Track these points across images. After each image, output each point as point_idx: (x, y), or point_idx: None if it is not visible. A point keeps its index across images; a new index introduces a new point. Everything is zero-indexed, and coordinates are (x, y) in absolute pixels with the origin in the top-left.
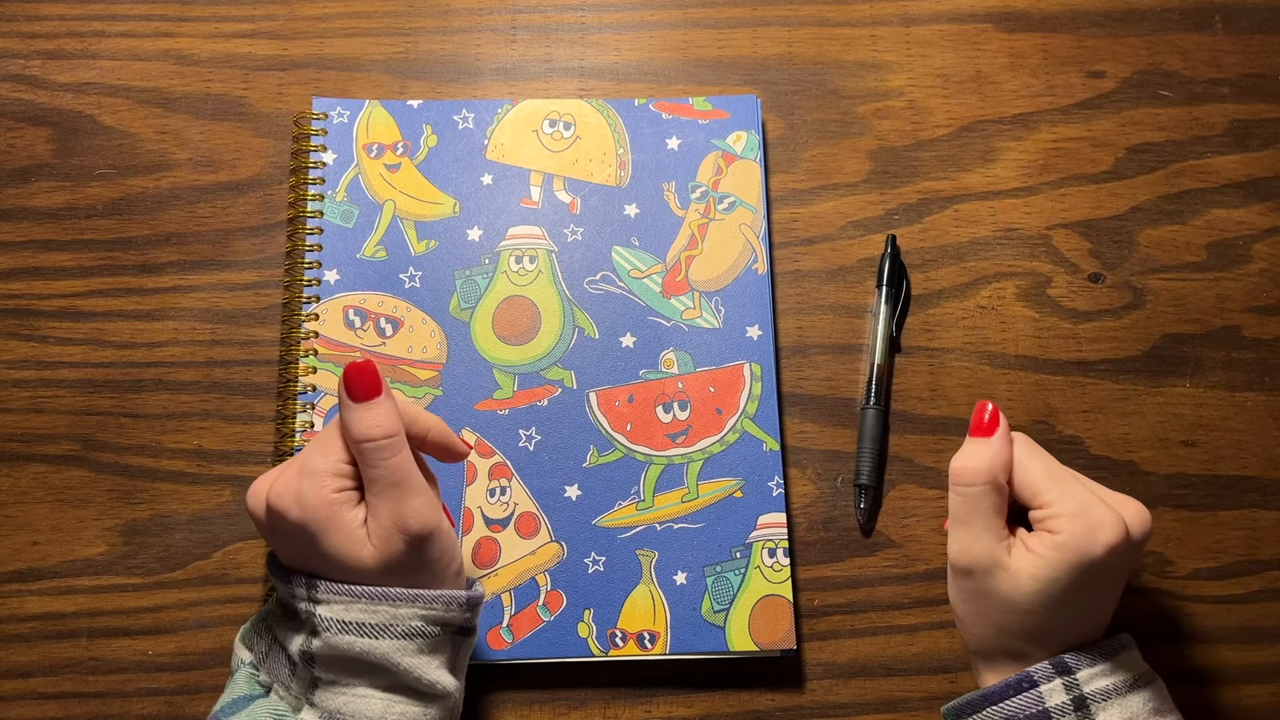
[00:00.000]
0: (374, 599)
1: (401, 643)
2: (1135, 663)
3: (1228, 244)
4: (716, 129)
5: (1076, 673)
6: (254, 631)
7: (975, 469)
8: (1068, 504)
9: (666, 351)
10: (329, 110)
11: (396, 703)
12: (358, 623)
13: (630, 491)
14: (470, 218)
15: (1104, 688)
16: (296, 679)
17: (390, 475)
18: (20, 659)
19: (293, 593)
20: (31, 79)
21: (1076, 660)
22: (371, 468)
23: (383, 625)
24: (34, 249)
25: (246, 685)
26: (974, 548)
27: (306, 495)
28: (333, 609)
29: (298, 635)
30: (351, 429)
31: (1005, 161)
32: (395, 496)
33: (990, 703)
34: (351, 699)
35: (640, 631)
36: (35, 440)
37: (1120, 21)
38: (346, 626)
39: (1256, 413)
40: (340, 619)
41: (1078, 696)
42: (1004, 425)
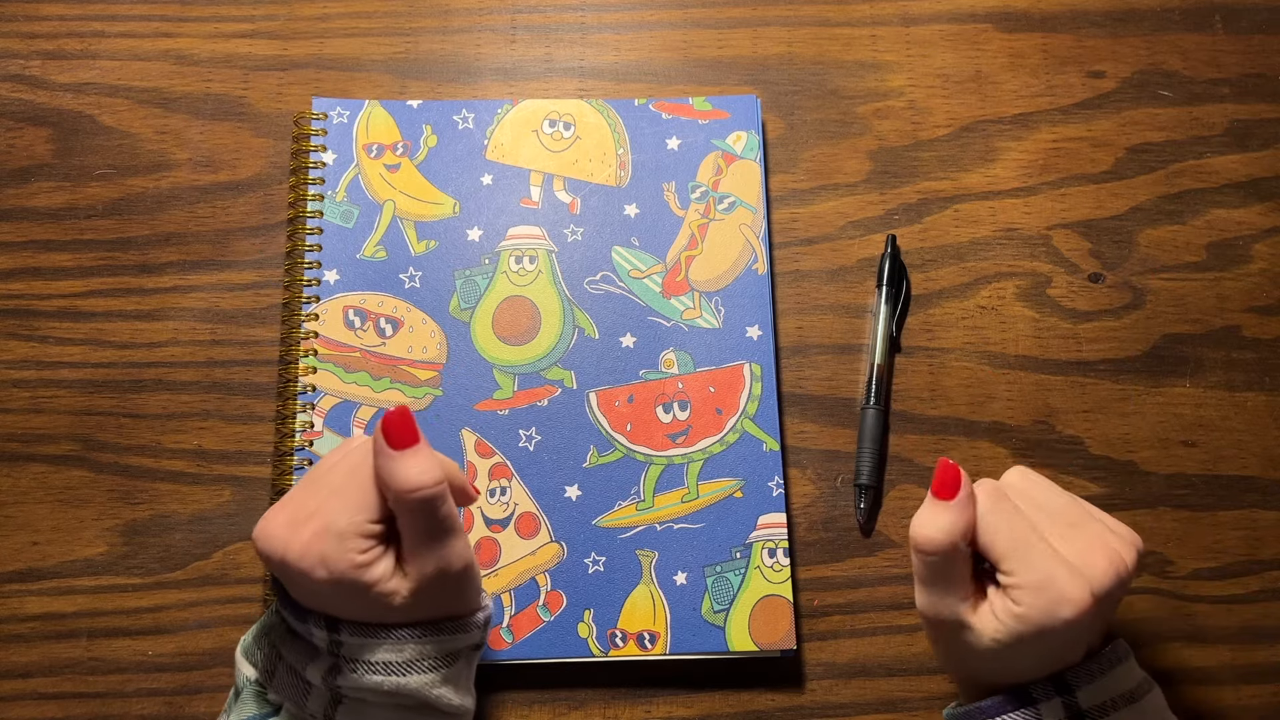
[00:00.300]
0: (400, 640)
1: (429, 676)
2: (1132, 673)
3: (1228, 244)
4: (716, 129)
5: (1076, 691)
6: (256, 646)
7: (933, 539)
8: (1029, 574)
9: (666, 351)
10: (329, 110)
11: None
12: (384, 662)
13: (630, 492)
14: (470, 218)
15: (1101, 704)
16: (313, 699)
17: (438, 525)
18: (20, 659)
19: (309, 630)
20: (31, 79)
21: (1075, 677)
22: (420, 519)
23: (409, 662)
24: (34, 249)
25: (255, 705)
26: (939, 608)
27: (333, 561)
28: (357, 650)
29: (316, 663)
30: (397, 479)
31: (1005, 161)
32: (442, 544)
33: (988, 716)
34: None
35: (640, 631)
36: (35, 440)
37: (1120, 21)
38: (373, 667)
39: (1256, 413)
40: (367, 659)
41: (1076, 713)
42: (966, 489)
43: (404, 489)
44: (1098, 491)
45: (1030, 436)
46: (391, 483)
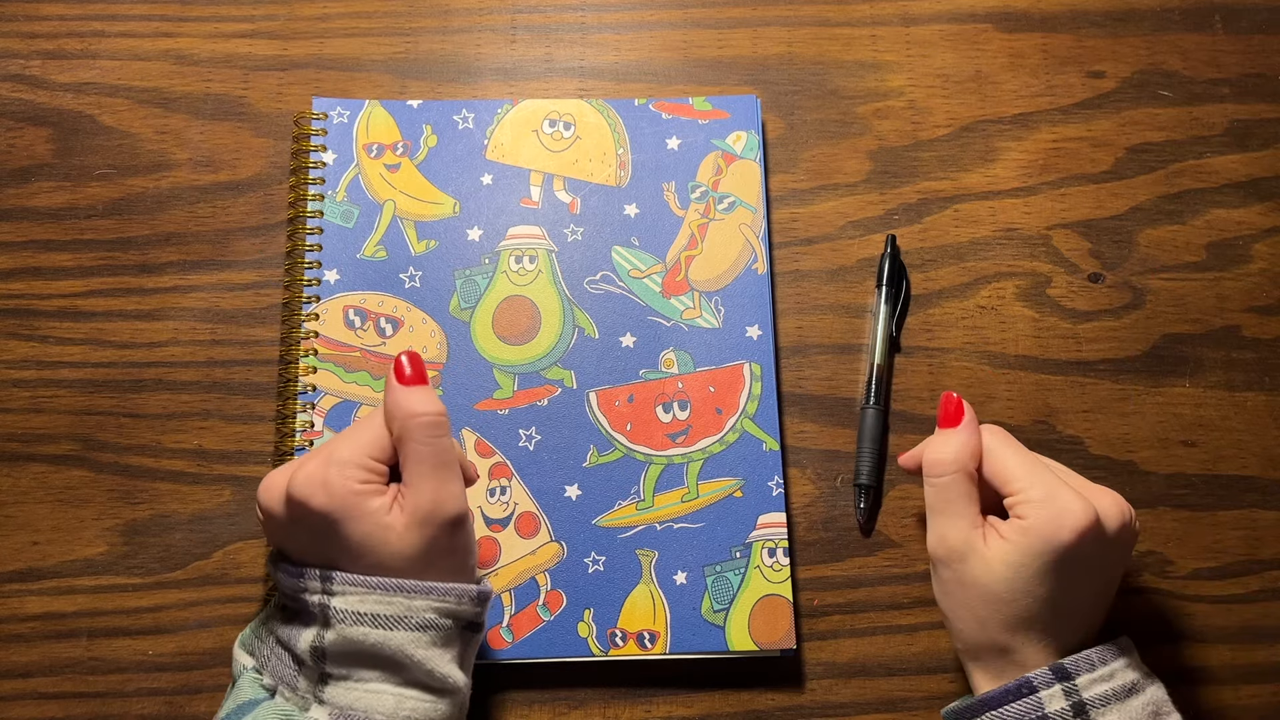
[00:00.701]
0: (389, 590)
1: (415, 634)
2: (1135, 667)
3: (1228, 244)
4: (716, 129)
5: (1076, 678)
6: (254, 637)
7: (944, 460)
8: (1036, 490)
9: (666, 351)
10: (329, 110)
11: (408, 698)
12: (372, 614)
13: (630, 491)
14: (470, 218)
15: (1103, 693)
16: (304, 676)
17: (438, 455)
18: (20, 659)
19: (304, 586)
20: (31, 79)
21: (1075, 666)
22: (421, 445)
23: (397, 617)
24: (34, 249)
25: (250, 690)
26: (949, 536)
27: (334, 483)
28: (347, 600)
29: (307, 631)
30: (403, 404)
31: (1005, 161)
32: (439, 478)
33: (989, 708)
34: (363, 694)
35: (640, 631)
36: (35, 440)
37: (1120, 21)
38: (361, 618)
39: (1256, 413)
40: (355, 610)
41: (1077, 702)
42: (970, 414)
43: (408, 413)
44: None
45: (1030, 436)
46: (397, 410)
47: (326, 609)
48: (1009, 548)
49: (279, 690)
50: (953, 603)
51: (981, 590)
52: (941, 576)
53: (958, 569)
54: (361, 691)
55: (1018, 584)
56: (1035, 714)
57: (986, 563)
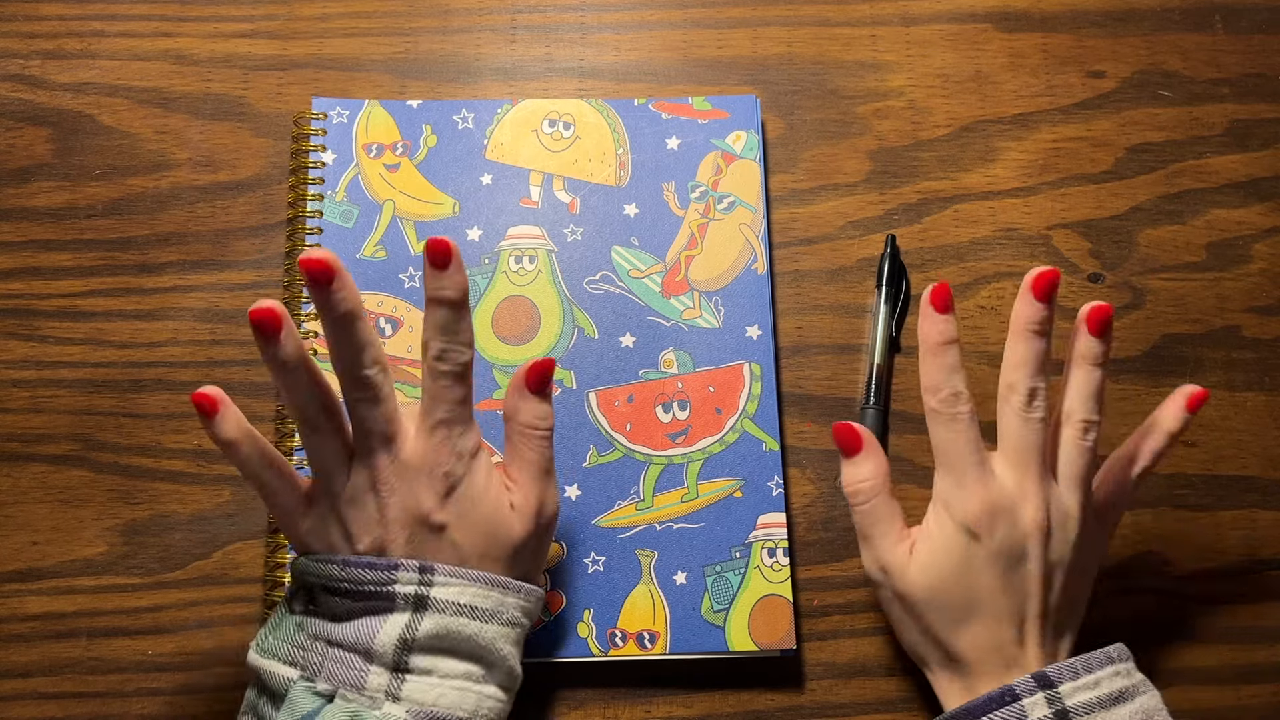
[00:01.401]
0: (488, 584)
1: (505, 630)
2: (1125, 674)
3: (1228, 244)
4: (716, 129)
5: (1059, 686)
6: (290, 644)
7: (865, 487)
8: (940, 484)
9: (666, 351)
10: (328, 110)
11: (488, 696)
12: (471, 606)
13: (630, 491)
14: (470, 218)
15: (1087, 701)
16: (375, 675)
17: (547, 462)
18: (20, 659)
19: (394, 577)
20: (31, 79)
21: (1059, 673)
22: (532, 451)
23: (492, 611)
24: (34, 249)
25: (308, 700)
26: (881, 555)
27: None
28: (448, 591)
29: (390, 624)
30: (524, 414)
31: (1005, 161)
32: (545, 482)
33: (972, 717)
34: (446, 691)
35: (640, 631)
36: (35, 440)
37: (1120, 21)
38: (461, 609)
39: (1256, 413)
40: (455, 601)
41: (1060, 710)
42: (867, 436)
43: (527, 424)
44: None
45: None
46: (518, 415)
47: (425, 599)
48: (922, 548)
49: (340, 693)
50: (900, 620)
51: (915, 601)
52: (884, 597)
53: (895, 584)
54: (445, 689)
55: (939, 583)
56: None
57: (922, 564)
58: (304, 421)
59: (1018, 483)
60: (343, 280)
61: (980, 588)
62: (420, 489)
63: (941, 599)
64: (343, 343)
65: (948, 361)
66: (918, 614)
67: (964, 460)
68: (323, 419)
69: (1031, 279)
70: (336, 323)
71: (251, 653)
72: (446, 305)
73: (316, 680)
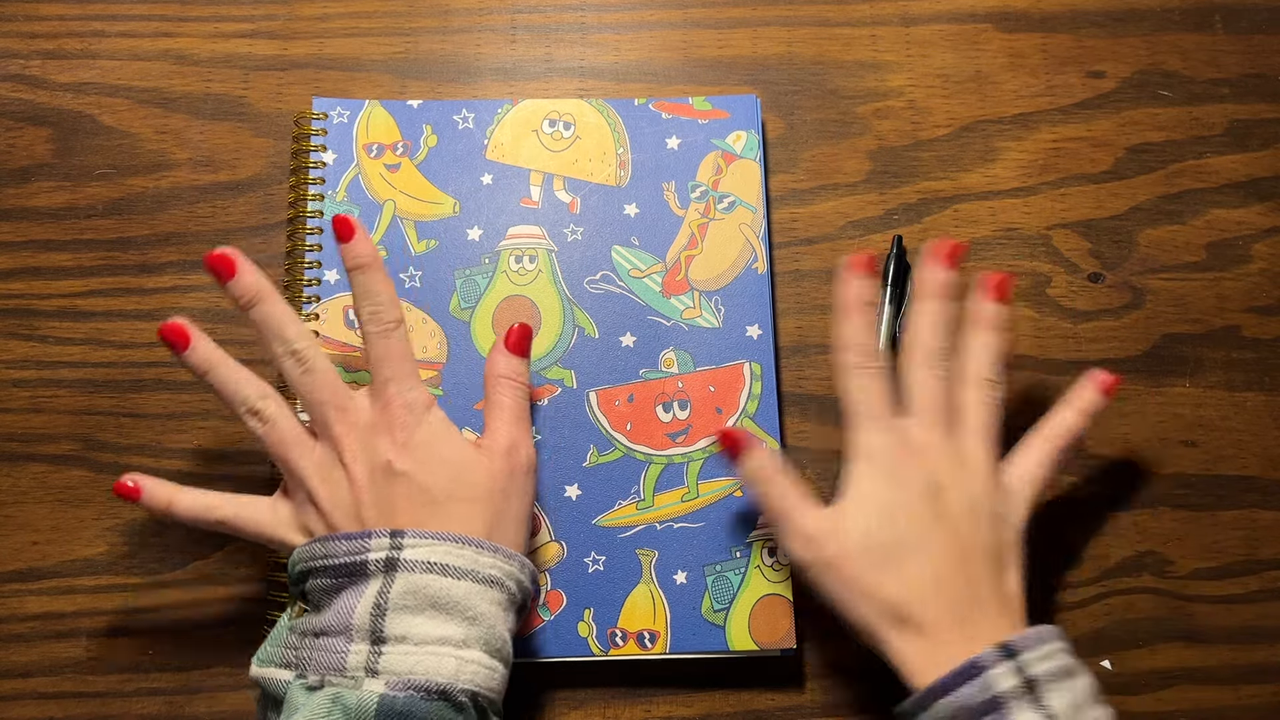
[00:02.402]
0: (460, 542)
1: (481, 588)
2: (1067, 650)
3: (1228, 244)
4: (716, 129)
5: (1022, 655)
6: (283, 647)
7: (769, 465)
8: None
9: (666, 351)
10: (329, 110)
11: (469, 660)
12: (442, 563)
13: (630, 491)
14: (470, 217)
15: (1051, 670)
16: (355, 652)
17: (520, 408)
18: (20, 659)
19: (368, 546)
20: (31, 79)
21: (1022, 642)
22: (508, 396)
23: (465, 569)
24: (34, 249)
25: (301, 697)
26: (805, 526)
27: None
28: (417, 551)
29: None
30: (501, 366)
31: (1005, 161)
32: (518, 426)
33: (939, 696)
34: (423, 657)
35: (640, 631)
36: (35, 440)
37: (1120, 21)
38: (431, 566)
39: (1256, 413)
40: (425, 559)
41: (1028, 679)
42: (743, 434)
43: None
44: (1098, 491)
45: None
46: (495, 368)
47: (395, 561)
48: (845, 504)
49: (325, 680)
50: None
51: (849, 552)
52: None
53: (826, 547)
54: (421, 655)
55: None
56: (986, 695)
57: (842, 524)
58: (249, 413)
59: (926, 430)
60: (244, 269)
61: (910, 526)
62: (379, 442)
63: (875, 546)
64: (266, 325)
65: (869, 320)
66: (855, 574)
67: (879, 410)
68: (268, 405)
69: (937, 247)
70: (253, 308)
71: (252, 667)
72: (361, 271)
73: (308, 674)
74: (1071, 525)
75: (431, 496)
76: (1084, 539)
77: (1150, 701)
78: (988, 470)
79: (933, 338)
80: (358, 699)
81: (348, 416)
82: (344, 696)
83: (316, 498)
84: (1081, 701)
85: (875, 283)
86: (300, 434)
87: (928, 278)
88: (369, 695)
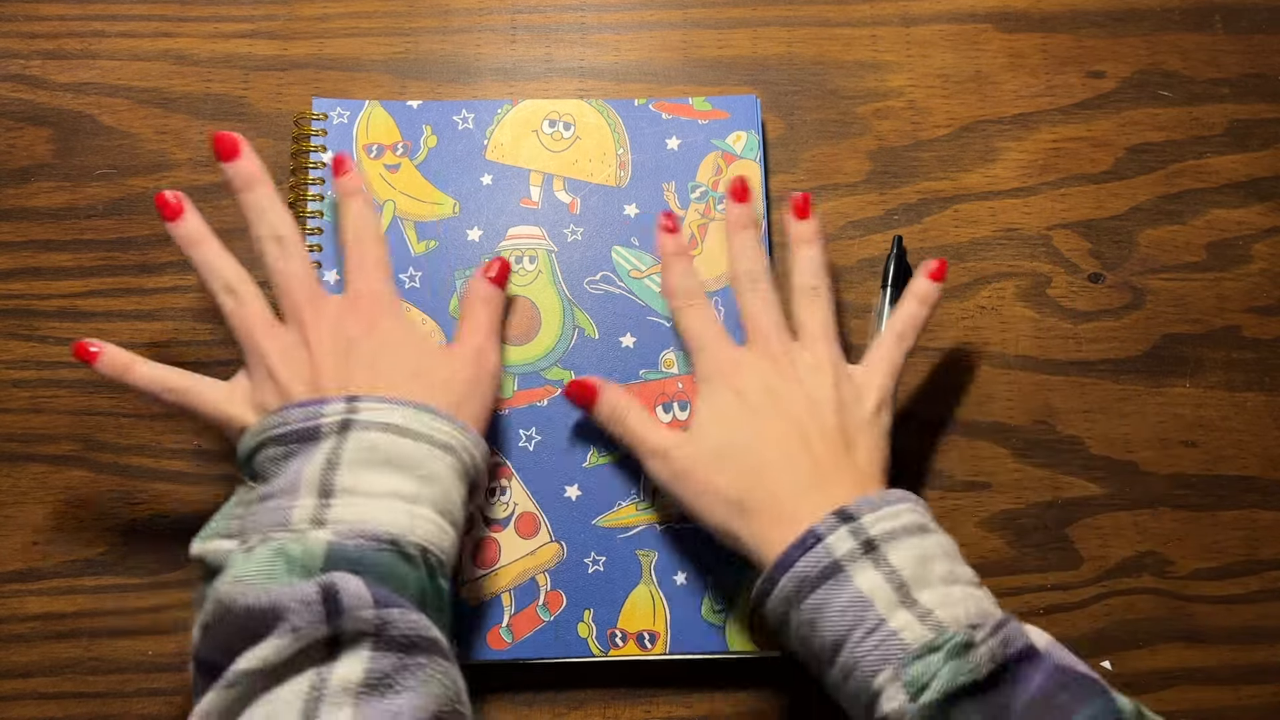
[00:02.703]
0: (417, 408)
1: (437, 452)
2: (922, 513)
3: (1228, 244)
4: (716, 129)
5: (860, 518)
6: (229, 520)
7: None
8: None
9: (666, 352)
10: (329, 111)
11: (421, 517)
12: (398, 425)
13: (630, 492)
14: (470, 218)
15: (891, 529)
16: (300, 507)
17: (492, 325)
18: (20, 659)
19: (322, 412)
20: (31, 79)
21: (857, 507)
22: (483, 315)
23: (420, 433)
24: (34, 249)
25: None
26: (659, 440)
27: None
28: (373, 412)
29: (317, 453)
30: (482, 290)
31: (1005, 161)
32: (488, 337)
33: (784, 571)
34: (373, 508)
35: (640, 631)
36: (35, 440)
37: (1120, 21)
38: (387, 427)
39: (1256, 413)
40: (380, 420)
41: (866, 540)
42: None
43: (480, 294)
44: (1098, 491)
45: (1030, 436)
46: (474, 290)
47: (349, 423)
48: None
49: (268, 537)
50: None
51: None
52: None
53: (682, 452)
54: (371, 505)
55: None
56: (826, 560)
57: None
58: (224, 289)
59: (764, 344)
60: (246, 153)
61: (744, 427)
62: (345, 323)
63: (713, 449)
64: (255, 209)
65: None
66: (701, 478)
67: (712, 339)
68: (244, 285)
69: (732, 185)
70: (246, 192)
71: (193, 545)
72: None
73: (250, 540)
74: (1071, 525)
75: (392, 372)
76: (1084, 539)
77: (1150, 702)
78: (829, 366)
79: (747, 261)
80: (303, 548)
81: (318, 304)
82: (288, 548)
83: (275, 373)
84: (929, 556)
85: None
86: (269, 318)
87: (731, 215)
88: (316, 543)
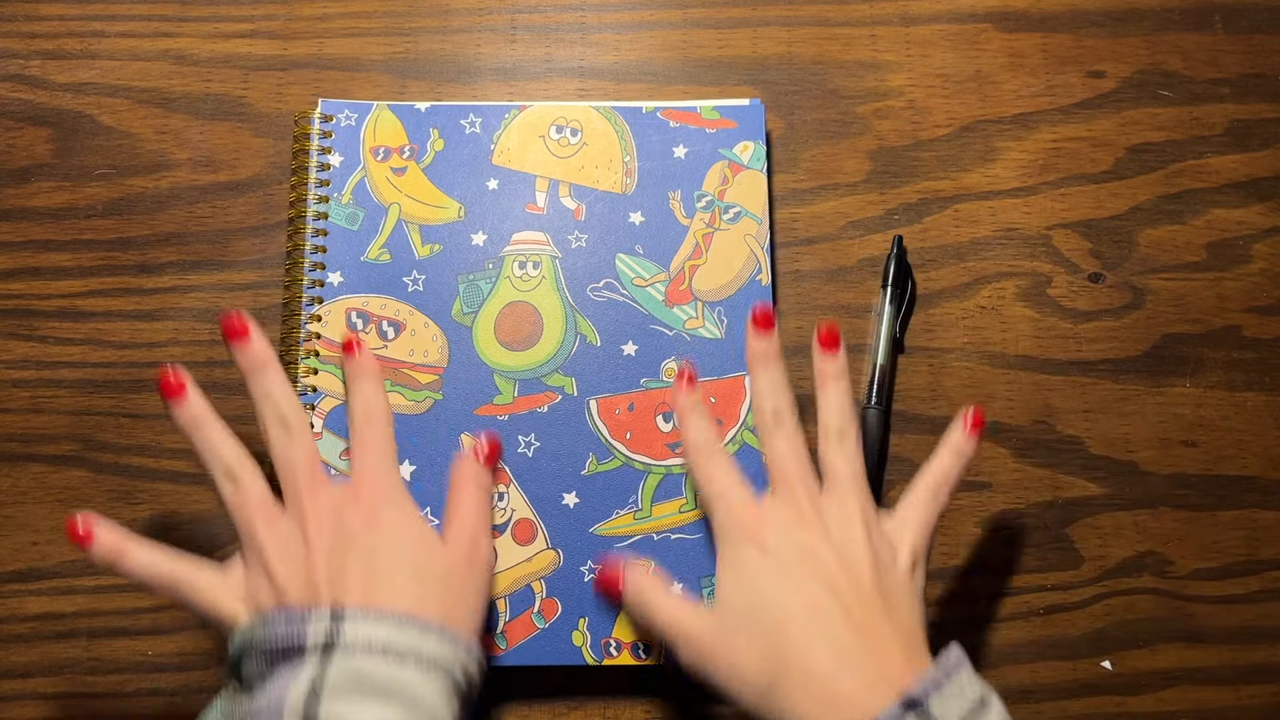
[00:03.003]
0: (404, 621)
1: (424, 675)
2: (972, 677)
3: (1228, 244)
4: (724, 138)
5: (927, 701)
6: None
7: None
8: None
9: (668, 361)
10: (336, 113)
11: None
12: (383, 643)
13: (628, 500)
14: (475, 222)
15: (961, 710)
16: None
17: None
18: (20, 659)
19: (306, 629)
20: (31, 79)
21: (923, 690)
22: (473, 499)
23: (407, 649)
24: (34, 249)
25: None
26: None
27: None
28: (359, 629)
29: (301, 676)
30: (469, 470)
31: (1005, 161)
32: (480, 529)
33: None
34: None
35: (635, 641)
36: (35, 440)
37: (1120, 21)
38: (371, 647)
39: (1256, 413)
40: (367, 638)
41: None
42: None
43: (472, 477)
44: (1098, 491)
45: (1030, 436)
46: (463, 470)
47: (333, 644)
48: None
49: None
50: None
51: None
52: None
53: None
54: None
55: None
56: None
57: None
58: (225, 476)
59: (789, 492)
60: (255, 337)
61: (779, 596)
62: (346, 514)
63: (758, 619)
64: (265, 394)
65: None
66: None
67: (733, 493)
68: (244, 470)
69: (753, 317)
70: (256, 374)
71: None
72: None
73: None
74: (1071, 525)
75: (389, 571)
76: (1084, 539)
77: (1150, 702)
78: (859, 520)
79: (772, 398)
80: None
81: (319, 493)
82: None
83: (271, 570)
84: None
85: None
86: (269, 505)
87: (754, 349)
88: None
